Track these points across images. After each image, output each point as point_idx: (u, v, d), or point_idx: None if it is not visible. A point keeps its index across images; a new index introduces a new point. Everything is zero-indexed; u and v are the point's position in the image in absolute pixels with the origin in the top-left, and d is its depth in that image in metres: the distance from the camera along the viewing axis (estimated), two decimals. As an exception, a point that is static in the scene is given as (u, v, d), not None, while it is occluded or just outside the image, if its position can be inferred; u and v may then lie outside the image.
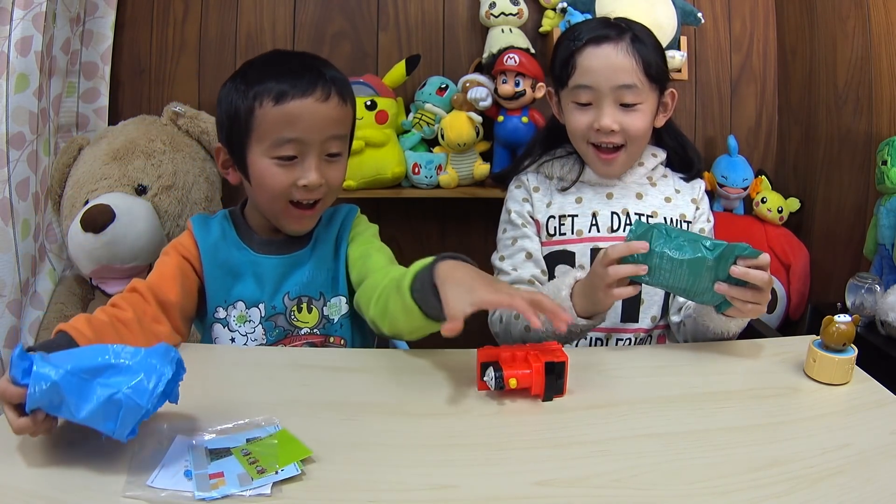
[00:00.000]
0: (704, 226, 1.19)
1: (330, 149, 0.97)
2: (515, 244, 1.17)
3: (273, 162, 0.95)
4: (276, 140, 0.94)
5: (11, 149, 1.41)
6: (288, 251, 1.04)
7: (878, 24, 1.56)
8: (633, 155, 1.15)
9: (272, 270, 1.03)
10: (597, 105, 1.09)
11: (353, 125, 1.05)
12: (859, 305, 1.32)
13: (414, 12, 1.83)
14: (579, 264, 1.14)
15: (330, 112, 0.95)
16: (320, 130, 0.95)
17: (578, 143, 1.16)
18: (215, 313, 1.03)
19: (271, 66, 0.97)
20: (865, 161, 1.61)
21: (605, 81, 1.07)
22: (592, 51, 1.08)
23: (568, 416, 0.78)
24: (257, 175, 0.97)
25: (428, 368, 0.90)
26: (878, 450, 0.70)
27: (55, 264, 1.61)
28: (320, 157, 0.97)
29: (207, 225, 1.05)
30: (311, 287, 1.04)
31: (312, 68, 0.97)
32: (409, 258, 0.90)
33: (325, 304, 1.05)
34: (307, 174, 0.95)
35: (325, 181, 0.97)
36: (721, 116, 1.98)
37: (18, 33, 1.39)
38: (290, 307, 1.04)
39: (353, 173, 1.67)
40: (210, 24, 1.81)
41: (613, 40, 1.07)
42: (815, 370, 0.86)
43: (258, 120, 0.94)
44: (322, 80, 0.95)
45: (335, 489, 0.64)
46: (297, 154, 0.95)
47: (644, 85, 1.08)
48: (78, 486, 0.63)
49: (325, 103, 0.94)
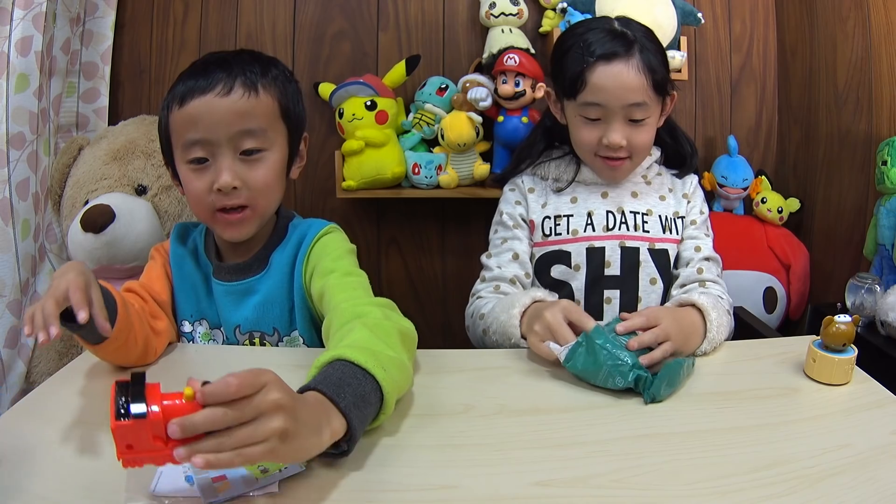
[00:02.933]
0: (696, 217, 1.20)
1: (243, 146, 0.90)
2: (504, 244, 1.18)
3: (188, 168, 0.91)
4: (185, 143, 0.89)
5: (11, 149, 1.41)
6: (238, 278, 0.97)
7: (878, 25, 1.56)
8: (637, 163, 1.17)
9: (222, 297, 0.97)
10: (606, 121, 1.09)
11: (287, 117, 0.95)
12: (859, 305, 1.31)
13: (414, 12, 1.83)
14: (575, 264, 1.14)
15: (234, 106, 0.88)
16: (226, 126, 0.88)
17: (584, 154, 1.17)
18: (181, 326, 1.00)
19: (189, 69, 0.92)
20: (865, 161, 1.61)
21: (616, 100, 1.07)
22: (603, 70, 1.06)
23: (568, 416, 0.78)
24: (184, 184, 0.93)
25: (428, 368, 0.90)
26: (878, 450, 0.70)
27: (55, 264, 1.61)
28: (233, 157, 0.90)
29: (185, 234, 1.03)
30: (263, 323, 0.97)
31: (223, 63, 0.90)
32: (409, 258, 0.90)
33: (280, 340, 0.98)
34: (218, 175, 0.89)
35: (242, 183, 0.90)
36: (721, 116, 1.98)
37: (18, 33, 1.39)
38: (241, 341, 0.98)
39: (353, 173, 1.67)
40: (210, 24, 1.81)
41: (624, 58, 1.06)
42: (815, 370, 0.86)
43: (171, 127, 0.91)
44: (227, 74, 0.89)
45: (335, 489, 0.64)
46: (208, 156, 0.89)
47: (652, 100, 1.09)
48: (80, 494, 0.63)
49: (227, 97, 0.88)
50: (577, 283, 1.15)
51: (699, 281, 1.13)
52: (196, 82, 0.88)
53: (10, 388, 1.44)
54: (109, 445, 0.68)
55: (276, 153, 0.94)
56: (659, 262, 1.16)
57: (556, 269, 1.15)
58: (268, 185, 0.93)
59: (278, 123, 0.95)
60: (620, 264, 1.14)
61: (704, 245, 1.17)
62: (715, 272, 1.15)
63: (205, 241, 1.02)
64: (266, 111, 0.92)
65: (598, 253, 1.14)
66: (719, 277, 1.15)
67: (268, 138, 0.92)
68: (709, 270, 1.15)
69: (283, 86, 0.95)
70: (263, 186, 0.92)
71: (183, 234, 1.02)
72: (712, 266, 1.16)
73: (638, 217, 1.16)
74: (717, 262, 1.17)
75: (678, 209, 1.19)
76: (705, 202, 1.23)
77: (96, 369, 0.88)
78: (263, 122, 0.91)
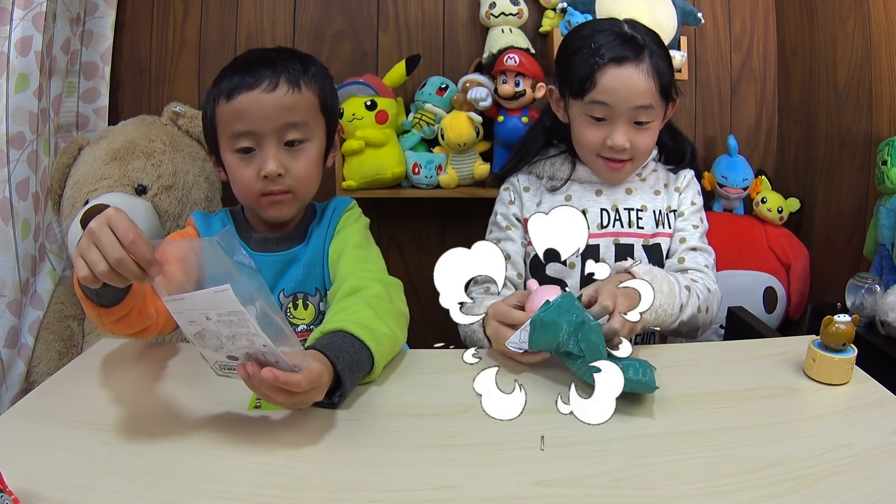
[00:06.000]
0: (686, 209, 1.20)
1: (287, 137, 0.99)
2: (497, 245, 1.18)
3: (236, 156, 0.99)
4: (232, 134, 0.98)
5: (11, 149, 1.41)
6: (283, 249, 1.06)
7: (878, 25, 1.56)
8: (638, 165, 1.18)
9: (267, 268, 1.05)
10: (611, 122, 1.10)
11: (325, 111, 1.04)
12: (859, 305, 1.31)
13: (414, 12, 1.83)
14: (570, 262, 1.15)
15: (279, 101, 0.97)
16: (272, 120, 0.97)
17: (586, 155, 1.17)
18: None
19: (232, 66, 1.00)
20: (865, 161, 1.61)
21: (624, 102, 1.08)
22: (614, 72, 1.07)
23: (568, 416, 0.78)
24: (229, 171, 1.02)
25: (428, 368, 0.90)
26: (878, 450, 0.70)
27: (55, 264, 1.61)
28: (278, 147, 0.98)
29: (208, 221, 1.09)
30: (307, 284, 1.06)
31: (266, 61, 0.99)
32: (409, 258, 0.91)
33: (322, 299, 1.06)
34: (265, 164, 0.97)
35: (286, 171, 0.99)
36: (721, 116, 1.98)
37: (18, 33, 1.39)
38: (285, 304, 1.05)
39: (353, 173, 1.67)
40: (210, 24, 1.81)
41: (634, 62, 1.07)
42: (814, 370, 0.86)
43: (218, 119, 1.00)
44: (271, 71, 0.97)
45: (335, 489, 0.64)
46: (254, 146, 0.98)
47: (658, 104, 1.10)
48: (80, 493, 0.64)
49: (273, 93, 0.96)
50: (572, 280, 1.15)
51: (681, 270, 1.14)
52: (242, 78, 0.96)
53: (10, 388, 1.44)
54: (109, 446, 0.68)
55: (315, 144, 1.03)
56: (653, 257, 1.16)
57: (552, 266, 1.16)
58: (308, 173, 1.02)
59: (318, 116, 1.03)
60: (615, 261, 1.14)
61: (690, 236, 1.17)
62: (700, 262, 1.15)
63: (235, 223, 1.08)
64: (307, 105, 1.01)
65: (592, 251, 1.15)
66: (706, 267, 1.15)
67: (309, 130, 1.01)
68: (692, 260, 1.15)
69: (321, 81, 1.04)
70: (305, 175, 1.01)
71: (206, 221, 1.09)
72: (697, 256, 1.15)
73: (632, 213, 1.17)
74: (705, 251, 1.17)
75: (670, 203, 1.20)
76: (699, 195, 1.22)
77: (96, 369, 0.89)
78: (305, 115, 1.00)
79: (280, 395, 0.69)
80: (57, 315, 1.54)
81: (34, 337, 1.50)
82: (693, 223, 1.19)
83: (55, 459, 0.68)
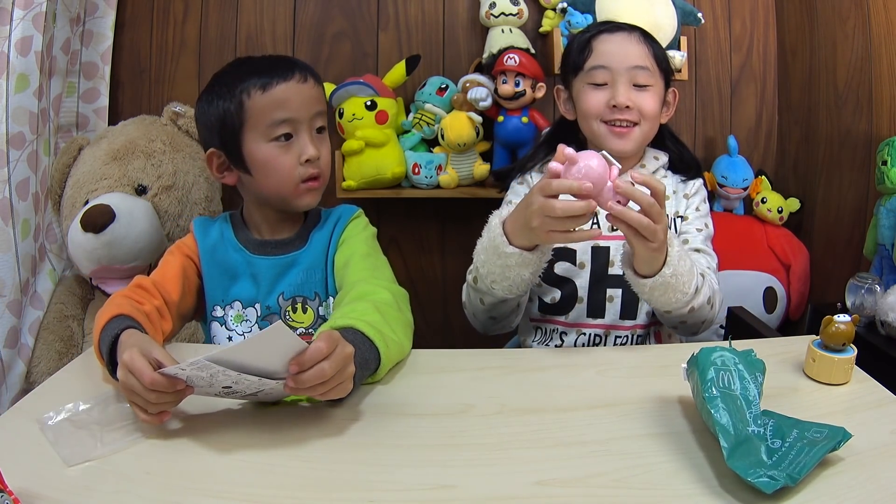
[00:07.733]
0: (691, 214, 1.19)
1: (317, 124, 1.05)
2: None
3: (273, 145, 1.01)
4: (271, 123, 1.00)
5: (11, 149, 1.41)
6: (282, 252, 1.07)
7: (878, 25, 1.56)
8: (646, 134, 1.15)
9: (267, 271, 1.06)
10: (612, 84, 1.13)
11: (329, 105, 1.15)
12: (859, 305, 1.31)
13: (414, 12, 1.83)
14: (580, 262, 1.14)
15: (311, 91, 1.03)
16: (308, 108, 1.02)
17: (591, 124, 1.15)
18: (213, 311, 1.06)
19: (244, 66, 1.03)
20: (865, 161, 1.61)
21: (620, 63, 1.12)
22: (608, 37, 1.15)
23: (568, 416, 0.78)
24: (261, 162, 1.01)
25: (428, 368, 0.90)
26: (878, 450, 0.70)
27: (55, 264, 1.61)
28: (311, 133, 1.04)
29: (208, 227, 1.09)
30: (306, 287, 1.07)
31: (283, 59, 1.05)
32: (409, 258, 0.91)
33: (321, 304, 1.07)
34: (305, 149, 1.02)
35: (318, 156, 1.04)
36: (721, 116, 1.98)
37: (18, 33, 1.39)
38: (284, 307, 1.06)
39: (354, 173, 1.67)
40: (210, 25, 1.81)
41: (626, 30, 1.15)
42: (814, 370, 0.86)
43: (249, 111, 1.00)
44: (296, 65, 1.03)
45: (335, 489, 0.64)
46: (292, 132, 1.02)
47: (654, 70, 1.14)
48: (80, 493, 0.63)
49: (305, 84, 1.02)
50: (580, 280, 1.15)
51: None
52: (273, 72, 1.01)
53: (10, 388, 1.44)
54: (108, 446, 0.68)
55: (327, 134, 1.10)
56: None
57: (560, 265, 1.15)
58: (330, 159, 1.08)
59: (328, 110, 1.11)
60: None
61: (693, 238, 1.17)
62: (703, 263, 1.14)
63: (233, 227, 1.10)
64: (323, 99, 1.08)
65: (603, 252, 1.14)
66: (708, 269, 1.14)
67: (326, 120, 1.08)
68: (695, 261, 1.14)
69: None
70: (329, 161, 1.08)
71: (205, 227, 1.09)
72: (699, 258, 1.15)
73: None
74: (707, 254, 1.16)
75: (678, 208, 1.20)
76: (705, 202, 1.22)
77: (96, 369, 0.88)
78: (325, 106, 1.08)
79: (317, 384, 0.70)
80: (57, 315, 1.54)
81: (34, 337, 1.50)
82: (697, 226, 1.19)
83: (55, 459, 0.68)
